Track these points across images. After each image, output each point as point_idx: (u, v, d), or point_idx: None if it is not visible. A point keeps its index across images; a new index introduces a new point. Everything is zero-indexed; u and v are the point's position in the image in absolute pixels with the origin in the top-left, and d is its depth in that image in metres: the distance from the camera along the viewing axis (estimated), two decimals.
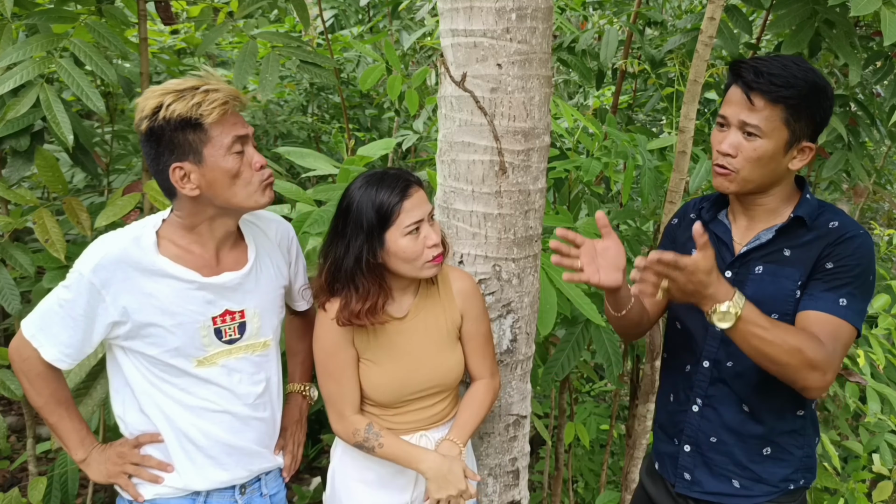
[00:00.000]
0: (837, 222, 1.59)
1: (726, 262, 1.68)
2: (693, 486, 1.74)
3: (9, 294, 2.24)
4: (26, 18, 2.19)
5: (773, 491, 1.69)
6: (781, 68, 1.52)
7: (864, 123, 3.25)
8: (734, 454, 1.69)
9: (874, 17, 3.05)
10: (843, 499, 2.52)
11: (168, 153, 1.50)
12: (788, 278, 1.60)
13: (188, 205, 1.56)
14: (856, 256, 1.55)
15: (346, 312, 1.60)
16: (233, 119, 1.53)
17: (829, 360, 1.49)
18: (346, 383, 1.68)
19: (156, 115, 1.48)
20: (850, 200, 4.84)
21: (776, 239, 1.63)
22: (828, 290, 1.55)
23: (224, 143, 1.50)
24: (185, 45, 3.42)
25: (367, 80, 2.55)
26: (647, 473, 1.94)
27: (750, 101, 1.54)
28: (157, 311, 1.54)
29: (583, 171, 2.36)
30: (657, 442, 1.89)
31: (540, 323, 2.00)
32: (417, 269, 1.61)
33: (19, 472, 3.48)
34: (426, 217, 1.60)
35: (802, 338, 1.48)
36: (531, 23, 1.70)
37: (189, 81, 1.50)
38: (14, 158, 2.31)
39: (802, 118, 1.53)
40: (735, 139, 1.57)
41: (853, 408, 2.73)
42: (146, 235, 1.56)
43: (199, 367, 1.61)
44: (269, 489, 1.78)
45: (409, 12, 4.68)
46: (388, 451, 1.68)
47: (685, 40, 2.95)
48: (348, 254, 1.59)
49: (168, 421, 1.62)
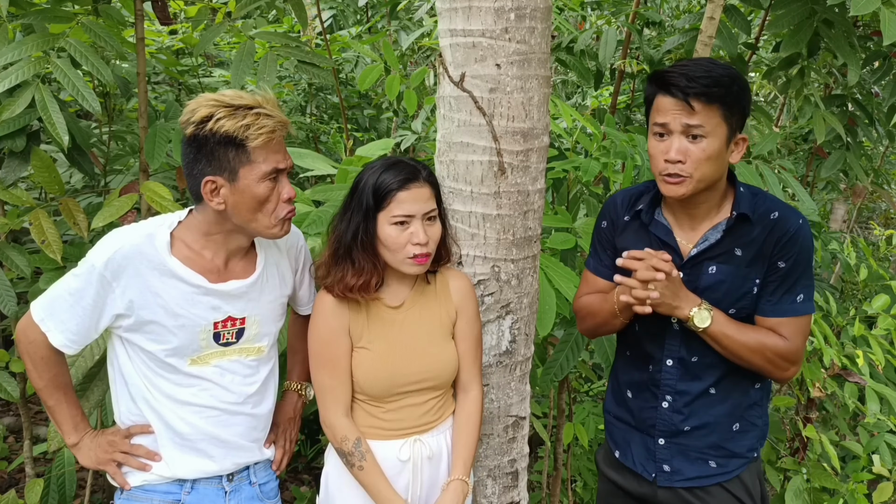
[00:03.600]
0: (777, 212, 1.68)
1: (675, 264, 1.69)
2: (674, 476, 1.80)
3: (5, 295, 2.23)
4: (22, 18, 2.18)
5: (745, 461, 1.79)
6: (706, 70, 1.59)
7: (862, 123, 3.25)
8: (709, 437, 1.77)
9: (873, 17, 3.05)
10: (842, 499, 2.51)
11: (206, 163, 1.53)
12: (745, 278, 1.69)
13: (210, 215, 1.59)
14: (803, 250, 1.67)
15: (341, 285, 1.63)
16: (276, 147, 1.56)
17: (794, 353, 1.69)
18: (340, 374, 1.68)
19: (203, 125, 1.50)
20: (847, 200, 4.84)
21: (724, 239, 1.69)
22: (785, 292, 1.68)
23: (262, 170, 1.53)
24: (183, 45, 3.41)
25: (366, 80, 2.55)
26: (608, 465, 1.96)
27: (690, 106, 1.58)
28: (162, 310, 1.56)
29: (581, 171, 2.36)
30: (615, 433, 1.92)
31: (539, 324, 1.99)
32: (399, 262, 1.63)
33: (16, 473, 3.46)
34: (420, 215, 1.61)
35: (765, 336, 1.67)
36: (530, 23, 1.69)
37: (245, 99, 1.53)
38: (10, 159, 2.30)
39: (735, 112, 1.61)
40: (680, 145, 1.61)
41: (852, 408, 2.73)
42: (160, 235, 1.57)
43: (191, 366, 1.63)
44: (259, 478, 1.79)
45: (407, 13, 4.67)
46: (365, 476, 1.68)
47: (684, 40, 2.95)
48: (348, 229, 1.63)
49: (156, 412, 1.64)
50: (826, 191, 4.39)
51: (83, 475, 2.84)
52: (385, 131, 4.65)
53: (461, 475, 1.74)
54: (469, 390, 1.79)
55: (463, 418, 1.78)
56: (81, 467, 2.18)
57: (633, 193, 1.84)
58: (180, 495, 1.68)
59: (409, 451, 1.71)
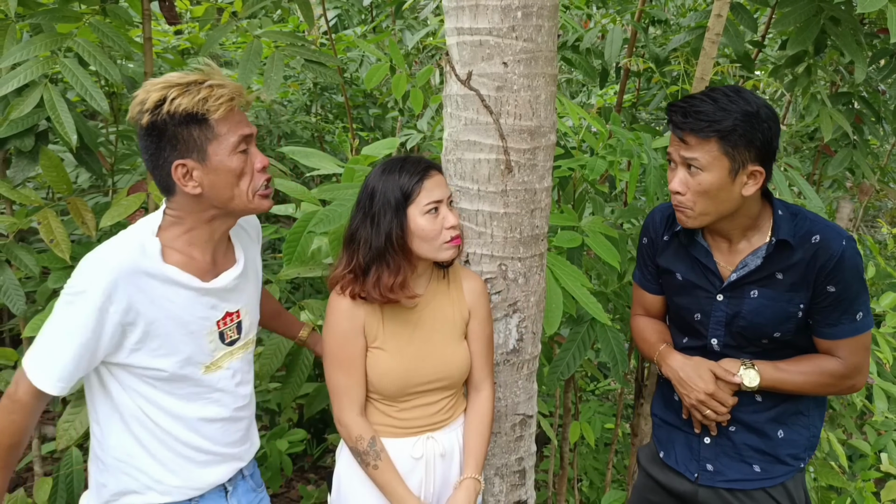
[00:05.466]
0: (819, 235, 1.65)
1: (716, 287, 1.76)
2: (716, 476, 1.81)
3: (13, 294, 2.23)
4: (30, 18, 2.18)
5: (790, 470, 1.79)
6: (711, 103, 1.59)
7: (868, 121, 3.24)
8: (753, 440, 1.78)
9: (879, 15, 3.04)
10: (850, 498, 2.51)
11: (170, 149, 1.46)
12: (789, 302, 1.69)
13: (188, 203, 1.52)
14: (851, 271, 1.64)
15: (378, 288, 1.63)
16: (238, 117, 1.50)
17: (853, 369, 1.69)
18: (355, 374, 1.69)
19: (159, 109, 1.43)
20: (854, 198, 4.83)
21: (764, 265, 1.70)
22: (843, 313, 1.66)
23: (230, 141, 1.47)
24: (189, 44, 3.41)
25: (372, 78, 2.54)
26: (651, 462, 1.98)
27: (682, 140, 1.62)
28: (170, 320, 1.51)
29: (588, 169, 2.35)
30: (661, 434, 1.95)
31: (546, 322, 1.99)
32: (435, 250, 1.64)
33: (25, 472, 3.48)
34: (445, 199, 1.64)
35: (817, 364, 1.70)
36: (537, 21, 1.69)
37: (192, 75, 1.47)
38: (18, 158, 2.31)
39: (740, 145, 1.59)
40: (682, 176, 1.66)
41: (860, 406, 2.72)
42: (149, 244, 1.50)
43: (206, 373, 1.60)
44: (248, 470, 1.80)
45: (412, 12, 4.67)
46: (380, 475, 1.69)
47: (690, 38, 2.94)
48: (379, 232, 1.62)
49: (160, 434, 1.58)
50: (832, 189, 4.37)
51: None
52: (390, 130, 4.66)
53: (474, 473, 1.75)
54: (481, 389, 1.80)
55: (475, 417, 1.79)
56: None
57: (673, 212, 1.85)
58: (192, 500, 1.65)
59: (421, 449, 1.72)
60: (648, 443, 2.04)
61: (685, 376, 1.77)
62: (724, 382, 1.73)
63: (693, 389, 1.75)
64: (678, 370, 1.79)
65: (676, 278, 1.84)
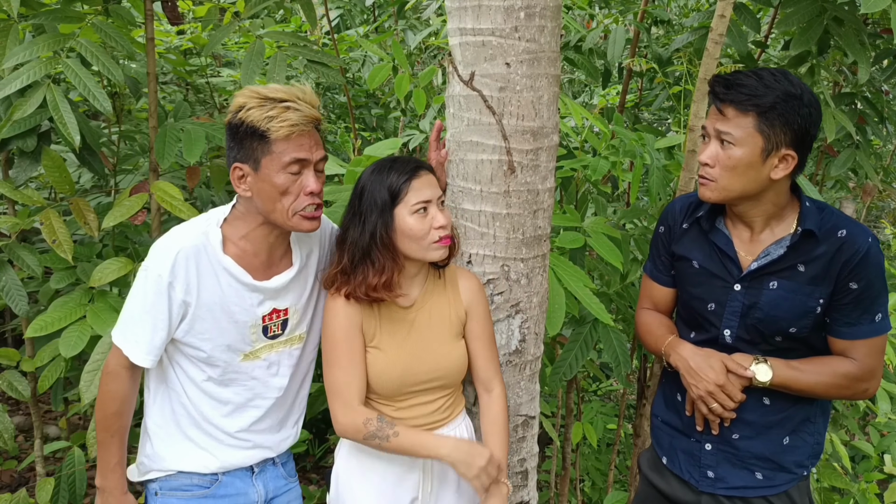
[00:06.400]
0: (845, 230, 1.62)
1: (734, 276, 1.71)
2: (717, 483, 1.78)
3: (16, 295, 2.24)
4: (33, 18, 2.19)
5: (793, 478, 1.75)
6: (755, 79, 1.57)
7: (872, 121, 3.23)
8: (756, 447, 1.74)
9: (883, 15, 3.03)
10: (853, 499, 2.50)
11: (236, 150, 1.59)
12: (808, 296, 1.64)
13: (244, 203, 1.65)
14: (876, 269, 1.61)
15: (363, 287, 1.63)
16: (302, 140, 1.57)
17: (868, 372, 1.65)
18: (354, 371, 1.68)
19: (237, 114, 1.56)
20: (856, 199, 4.82)
21: (787, 254, 1.66)
22: (863, 313, 1.63)
23: (282, 160, 1.56)
24: (192, 45, 3.41)
25: (375, 79, 2.55)
26: (652, 469, 1.95)
27: (721, 112, 1.60)
28: (218, 306, 1.62)
29: (590, 170, 2.35)
30: (663, 437, 1.92)
31: (548, 323, 1.99)
32: (424, 250, 1.64)
33: (27, 472, 3.48)
34: (435, 199, 1.64)
35: (831, 366, 1.66)
36: (540, 21, 1.69)
37: (280, 92, 1.56)
38: (21, 159, 2.31)
39: (777, 125, 1.56)
40: (713, 149, 1.63)
41: (863, 407, 2.72)
42: (213, 233, 1.63)
43: (244, 360, 1.69)
44: (280, 459, 1.86)
45: (414, 12, 4.67)
46: (404, 439, 1.65)
47: (693, 38, 2.94)
48: (364, 231, 1.63)
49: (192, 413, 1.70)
50: (835, 189, 4.36)
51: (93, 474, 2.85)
52: (392, 131, 4.65)
53: (501, 478, 1.72)
54: (492, 389, 1.79)
55: (492, 420, 1.78)
56: (91, 466, 2.19)
57: (693, 201, 1.83)
58: (218, 475, 1.75)
59: None
60: (649, 447, 2.01)
61: (695, 365, 1.72)
62: (735, 376, 1.68)
63: (702, 380, 1.70)
64: (688, 359, 1.74)
65: (693, 266, 1.79)
